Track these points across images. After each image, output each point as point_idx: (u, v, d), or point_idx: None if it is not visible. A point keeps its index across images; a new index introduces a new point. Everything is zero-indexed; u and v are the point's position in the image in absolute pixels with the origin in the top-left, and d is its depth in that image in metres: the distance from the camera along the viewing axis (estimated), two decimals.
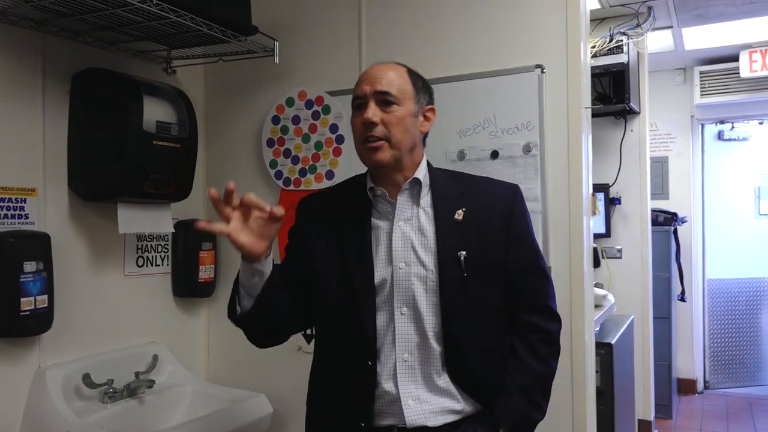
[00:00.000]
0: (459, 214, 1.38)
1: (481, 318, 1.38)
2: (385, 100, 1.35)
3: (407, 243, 1.38)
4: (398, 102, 1.36)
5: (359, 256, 1.38)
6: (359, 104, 1.38)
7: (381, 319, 1.37)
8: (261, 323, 1.39)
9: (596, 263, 2.55)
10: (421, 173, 1.43)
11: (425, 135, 1.46)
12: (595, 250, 2.37)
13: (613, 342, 2.54)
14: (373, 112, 1.34)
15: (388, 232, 1.39)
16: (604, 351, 2.48)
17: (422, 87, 1.43)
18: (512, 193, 1.45)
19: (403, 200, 1.41)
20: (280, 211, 1.25)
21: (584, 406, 1.90)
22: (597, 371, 2.42)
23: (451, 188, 1.43)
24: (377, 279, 1.37)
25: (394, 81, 1.37)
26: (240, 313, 1.37)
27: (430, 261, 1.37)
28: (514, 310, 1.43)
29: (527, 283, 1.43)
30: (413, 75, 1.43)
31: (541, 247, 1.90)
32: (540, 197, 1.94)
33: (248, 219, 1.26)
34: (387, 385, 1.35)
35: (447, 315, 1.35)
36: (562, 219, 1.94)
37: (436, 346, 1.36)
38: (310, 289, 1.43)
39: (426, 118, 1.44)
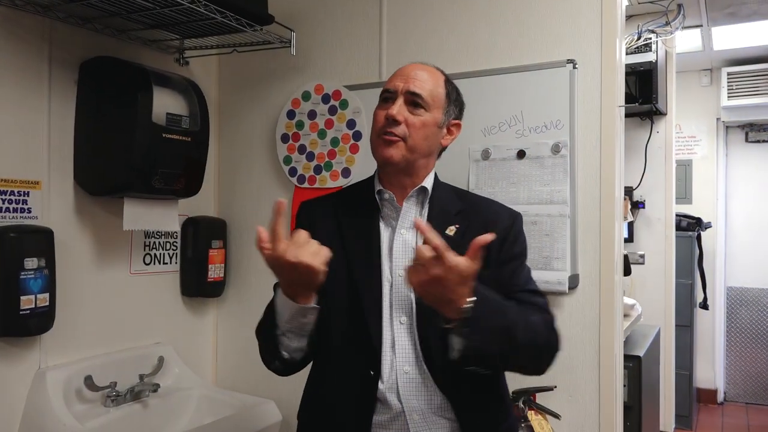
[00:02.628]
0: (451, 230, 1.32)
1: None
2: (414, 102, 1.31)
3: (407, 251, 1.32)
4: (427, 107, 1.32)
5: (365, 261, 1.33)
6: (387, 98, 1.33)
7: (384, 329, 1.30)
8: (309, 358, 1.34)
9: (627, 271, 2.44)
10: (429, 183, 1.38)
11: (444, 148, 1.43)
12: (626, 257, 2.26)
13: (641, 355, 2.43)
14: (399, 109, 1.30)
15: (390, 239, 1.35)
16: (632, 364, 2.37)
17: (455, 100, 1.39)
18: (512, 219, 1.39)
19: (408, 207, 1.37)
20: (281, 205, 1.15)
21: (612, 423, 1.79)
22: (624, 385, 2.30)
23: (451, 204, 1.39)
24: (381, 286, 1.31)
25: (428, 85, 1.33)
26: (289, 358, 1.27)
27: None
28: None
29: (521, 299, 1.31)
30: (449, 85, 1.39)
31: (568, 253, 1.83)
32: (569, 200, 1.83)
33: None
34: (390, 397, 1.27)
35: (424, 329, 1.27)
36: (592, 224, 1.83)
37: (424, 364, 1.28)
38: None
39: (449, 132, 1.40)
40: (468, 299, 1.11)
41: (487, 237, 1.10)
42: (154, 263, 2.21)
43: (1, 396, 1.73)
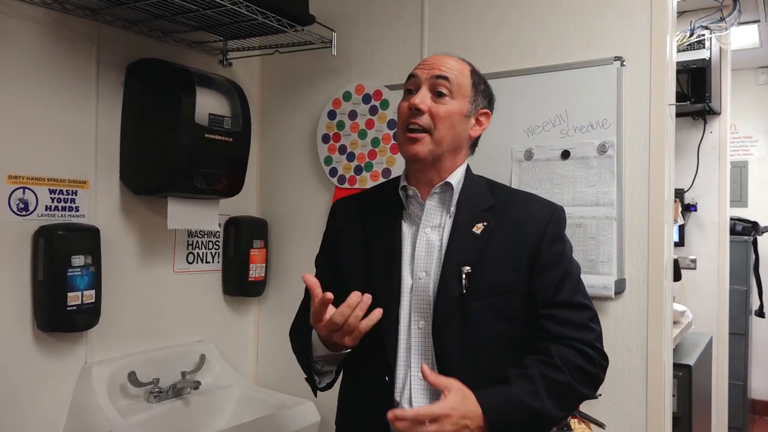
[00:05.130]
0: (478, 228, 1.25)
1: (484, 350, 1.22)
2: (438, 91, 1.25)
3: (431, 252, 1.26)
4: (452, 95, 1.26)
5: (385, 262, 1.28)
6: (410, 89, 1.28)
7: (401, 334, 1.26)
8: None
9: (677, 276, 2.35)
10: (455, 178, 1.30)
11: (475, 140, 1.36)
12: (675, 262, 2.17)
13: (692, 364, 2.33)
14: (422, 98, 1.24)
15: (413, 238, 1.29)
16: (682, 373, 2.28)
17: (482, 90, 1.33)
18: (549, 214, 1.28)
19: (432, 204, 1.30)
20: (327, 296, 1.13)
21: None
22: (674, 395, 2.22)
23: (481, 199, 1.30)
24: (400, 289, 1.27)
25: (452, 72, 1.27)
26: (325, 385, 1.33)
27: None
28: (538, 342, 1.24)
29: (554, 316, 1.22)
30: (475, 75, 1.33)
31: (614, 257, 1.76)
32: (615, 202, 1.77)
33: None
34: (403, 404, 1.23)
35: (439, 335, 1.21)
36: (640, 227, 1.76)
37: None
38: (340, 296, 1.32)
39: (478, 122, 1.33)
40: (479, 425, 1.07)
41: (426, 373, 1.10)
42: (197, 262, 2.24)
43: (50, 390, 1.78)
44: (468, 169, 1.34)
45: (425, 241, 1.27)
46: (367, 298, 1.11)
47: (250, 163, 2.14)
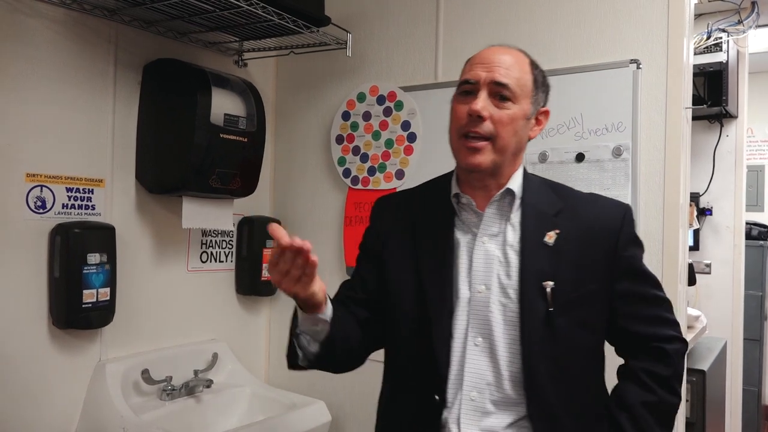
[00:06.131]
0: (550, 237, 1.16)
1: (573, 364, 1.15)
2: (500, 94, 1.14)
3: (490, 263, 1.17)
4: (514, 99, 1.15)
5: (438, 273, 1.19)
6: (467, 90, 1.17)
7: (454, 350, 1.17)
8: (332, 362, 1.25)
9: (691, 281, 2.34)
10: (516, 183, 1.21)
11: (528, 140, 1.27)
12: (690, 266, 2.16)
13: (706, 369, 2.32)
14: (483, 103, 1.13)
15: (470, 248, 1.19)
16: (696, 378, 2.26)
17: (542, 84, 1.22)
18: (621, 215, 1.22)
19: (491, 212, 1.20)
20: (305, 243, 1.06)
21: None
22: (687, 400, 2.20)
23: (547, 203, 1.21)
24: (454, 301, 1.18)
25: (514, 72, 1.16)
26: (307, 360, 1.22)
27: (512, 288, 1.15)
28: (624, 354, 1.23)
29: (639, 315, 1.20)
30: (535, 68, 1.21)
31: None
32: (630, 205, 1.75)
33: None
34: (452, 426, 1.15)
35: (528, 355, 1.12)
36: (654, 231, 1.75)
37: (513, 395, 1.14)
38: (386, 303, 1.27)
39: (538, 122, 1.23)
40: None
41: None
42: (211, 261, 2.25)
43: (65, 386, 1.80)
44: (524, 170, 1.26)
45: (483, 252, 1.18)
46: (299, 243, 1.06)
47: (264, 163, 2.15)
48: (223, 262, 2.30)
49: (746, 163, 3.65)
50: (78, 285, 1.72)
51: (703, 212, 3.50)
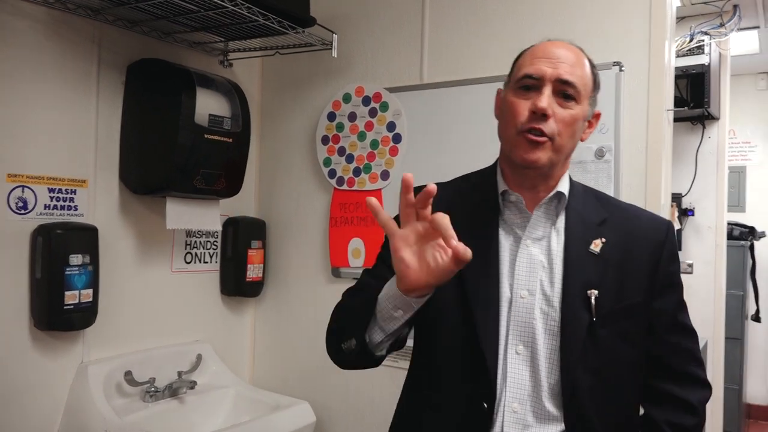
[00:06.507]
0: (596, 245, 1.12)
1: (613, 378, 1.10)
2: (564, 92, 1.08)
3: (534, 268, 1.11)
4: (578, 98, 1.09)
5: (482, 273, 1.11)
6: (529, 86, 1.09)
7: (498, 357, 1.10)
8: (376, 359, 1.09)
9: None
10: (565, 187, 1.16)
11: None
12: None
13: None
14: (549, 101, 1.06)
15: (513, 251, 1.13)
16: None
17: (598, 84, 1.16)
18: (665, 229, 1.18)
19: (539, 215, 1.14)
20: (466, 253, 0.90)
21: None
22: None
23: (592, 211, 1.16)
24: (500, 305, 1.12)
25: (578, 71, 1.10)
26: (366, 346, 1.04)
27: (555, 296, 1.09)
28: (648, 375, 1.17)
29: (670, 342, 1.16)
30: (593, 67, 1.15)
31: None
32: None
33: (425, 240, 0.94)
34: None
35: (568, 366, 1.06)
36: None
37: (550, 408, 1.07)
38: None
39: (590, 125, 1.17)
40: None
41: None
42: (195, 262, 2.24)
43: (46, 388, 1.78)
44: (569, 175, 1.21)
45: (527, 255, 1.12)
46: (432, 187, 0.91)
47: (249, 163, 2.15)
48: (207, 263, 2.29)
49: (728, 164, 3.70)
50: (60, 286, 1.70)
51: (686, 213, 3.54)
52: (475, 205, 1.18)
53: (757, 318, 4.17)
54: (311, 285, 2.35)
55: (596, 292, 1.09)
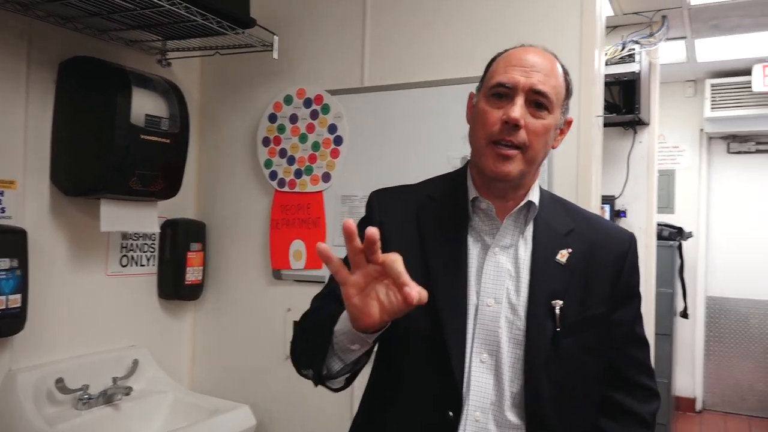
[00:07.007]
0: (563, 255, 1.12)
1: (576, 388, 1.11)
2: (537, 102, 1.06)
3: (501, 276, 1.11)
4: (550, 109, 1.07)
5: (449, 279, 1.10)
6: (501, 94, 1.07)
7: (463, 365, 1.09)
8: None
9: None
10: (535, 196, 1.15)
11: None
12: None
13: None
14: (522, 111, 1.05)
15: (480, 258, 1.12)
16: None
17: (570, 91, 1.15)
18: (628, 241, 1.19)
19: (508, 224, 1.13)
20: (421, 297, 0.87)
21: None
22: None
23: (560, 221, 1.16)
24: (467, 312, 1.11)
25: (552, 80, 1.08)
26: (323, 380, 1.04)
27: (521, 305, 1.09)
28: (604, 386, 1.17)
29: (627, 354, 1.17)
30: (566, 74, 1.14)
31: None
32: None
33: (378, 280, 0.92)
34: None
35: (532, 376, 1.06)
36: None
37: (512, 417, 1.07)
38: None
39: (561, 132, 1.16)
40: None
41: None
42: (131, 265, 2.19)
43: None
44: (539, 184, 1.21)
45: (494, 264, 1.11)
46: (374, 233, 0.88)
47: (188, 164, 2.12)
48: (144, 266, 2.24)
49: (658, 167, 3.87)
50: None
51: (618, 214, 3.68)
52: (446, 210, 1.17)
53: (685, 315, 4.37)
54: (252, 287, 2.33)
55: (561, 302, 1.09)
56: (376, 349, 1.17)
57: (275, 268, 2.26)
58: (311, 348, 1.05)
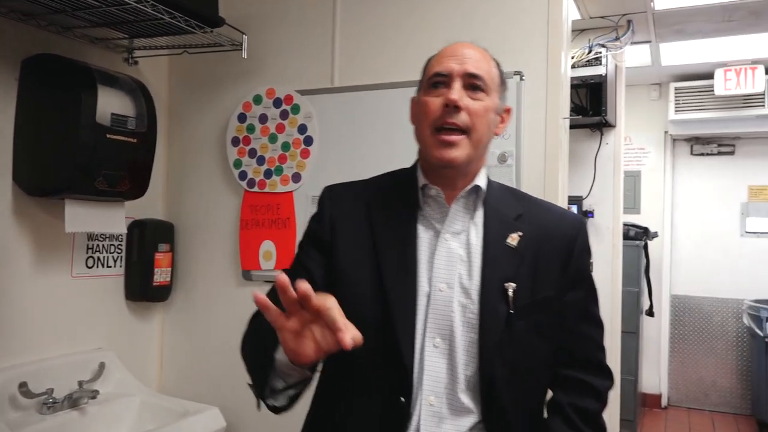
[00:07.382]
0: (513, 239, 1.14)
1: (528, 370, 1.14)
2: (473, 85, 1.12)
3: (453, 262, 1.13)
4: (487, 90, 1.13)
5: (400, 267, 1.13)
6: (439, 82, 1.13)
7: (414, 350, 1.10)
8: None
9: None
10: (482, 181, 1.19)
11: None
12: None
13: None
14: (460, 93, 1.10)
15: (431, 245, 1.15)
16: None
17: (505, 82, 1.21)
18: (577, 226, 1.22)
19: (457, 209, 1.17)
20: (355, 341, 0.87)
21: None
22: None
23: (508, 206, 1.20)
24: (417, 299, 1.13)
25: (484, 65, 1.14)
26: (265, 400, 1.08)
27: (473, 289, 1.12)
28: (557, 363, 1.20)
29: (579, 332, 1.19)
30: (498, 65, 1.20)
31: None
32: None
33: (314, 321, 0.91)
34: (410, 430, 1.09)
35: (486, 358, 1.09)
36: None
37: (465, 400, 1.10)
38: (338, 296, 1.11)
39: (502, 120, 1.21)
40: None
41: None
42: (98, 266, 2.16)
43: None
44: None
45: (446, 249, 1.14)
46: (306, 288, 0.87)
47: (156, 164, 2.09)
48: (111, 267, 2.21)
49: (624, 168, 3.94)
50: None
51: (586, 214, 3.74)
52: (395, 201, 1.19)
53: (650, 313, 4.46)
54: (221, 288, 2.31)
55: (513, 285, 1.11)
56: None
57: (245, 269, 2.25)
58: (255, 368, 1.08)
